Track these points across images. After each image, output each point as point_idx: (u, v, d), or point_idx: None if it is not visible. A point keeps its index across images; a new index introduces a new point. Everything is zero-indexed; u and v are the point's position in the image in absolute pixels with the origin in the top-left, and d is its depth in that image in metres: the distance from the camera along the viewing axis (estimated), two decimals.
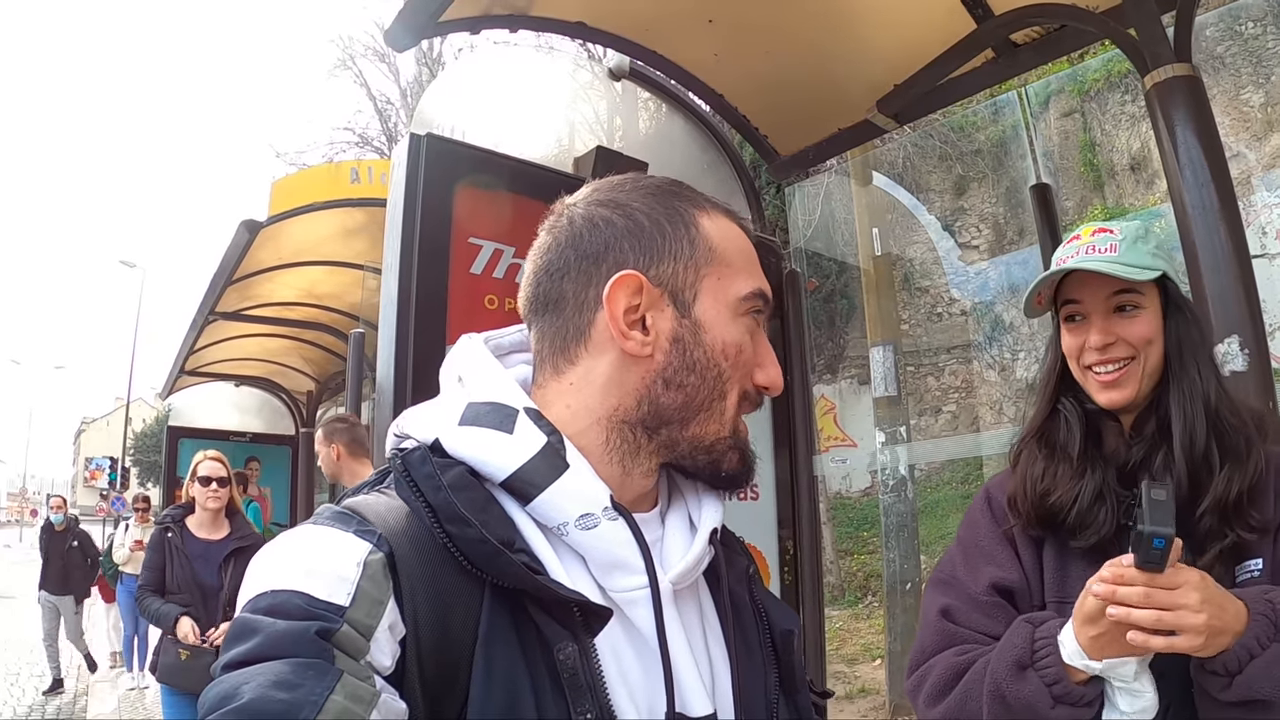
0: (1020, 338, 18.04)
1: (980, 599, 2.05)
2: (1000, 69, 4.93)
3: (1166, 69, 3.61)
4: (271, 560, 1.03)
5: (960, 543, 2.20)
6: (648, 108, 5.21)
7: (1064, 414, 2.12)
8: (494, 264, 3.58)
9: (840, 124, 5.30)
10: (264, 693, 0.87)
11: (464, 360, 1.27)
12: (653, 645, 1.12)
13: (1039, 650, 1.81)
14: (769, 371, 1.27)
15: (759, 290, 1.26)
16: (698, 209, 1.26)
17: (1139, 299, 2.02)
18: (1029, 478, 2.07)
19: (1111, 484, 1.98)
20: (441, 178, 3.46)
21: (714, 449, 1.23)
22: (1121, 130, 19.01)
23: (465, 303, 3.45)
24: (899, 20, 4.63)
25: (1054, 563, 2.03)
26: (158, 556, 5.82)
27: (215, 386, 13.98)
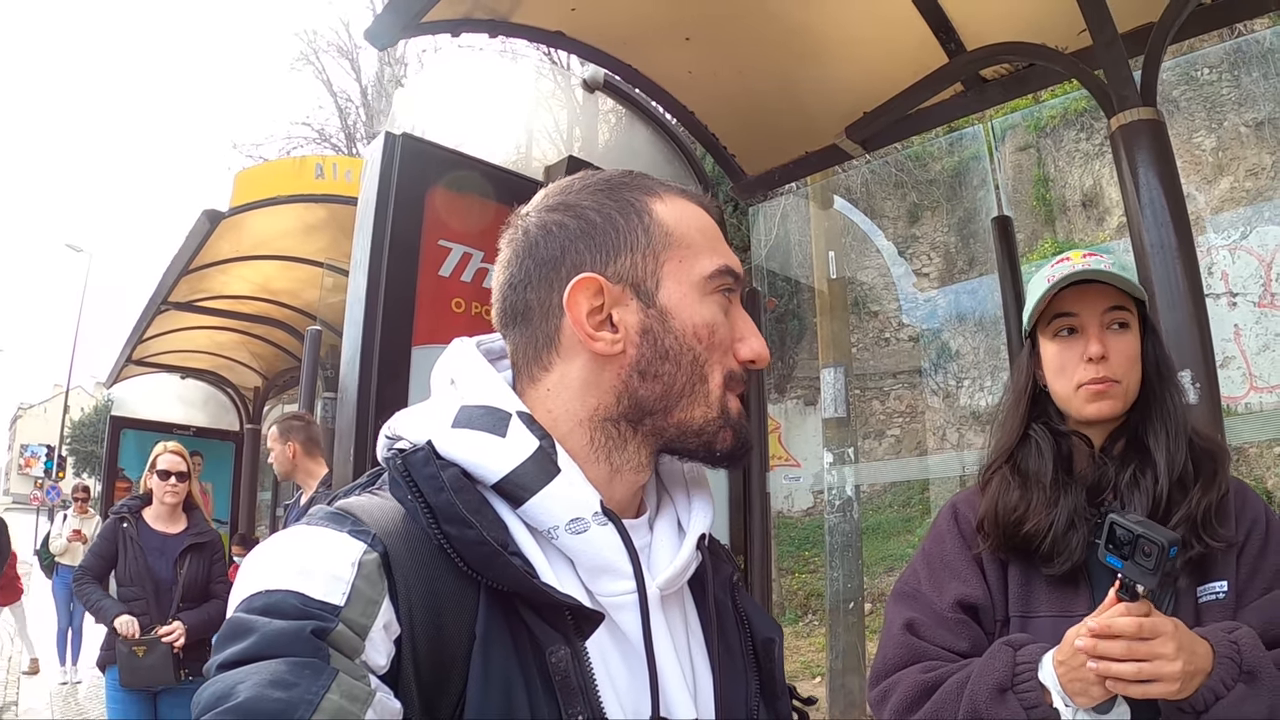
0: (965, 365, 18.25)
1: (945, 615, 2.07)
2: (968, 102, 5.03)
3: (1132, 112, 3.70)
4: (265, 560, 1.03)
5: (925, 556, 2.22)
6: (608, 119, 5.21)
7: (1035, 439, 2.14)
8: (462, 267, 3.58)
9: (808, 147, 5.36)
10: (260, 691, 0.87)
11: (457, 363, 1.28)
12: (639, 650, 1.13)
13: (1020, 674, 1.84)
14: (751, 344, 1.26)
15: (724, 266, 1.25)
16: (650, 195, 1.26)
17: (1129, 318, 2.08)
18: (1002, 506, 2.09)
19: (1082, 509, 2.02)
20: (415, 178, 3.46)
21: (704, 431, 1.23)
22: (1075, 167, 19.29)
23: (432, 305, 3.44)
24: (872, 49, 4.70)
25: (1019, 579, 2.06)
26: (109, 546, 5.70)
27: (160, 378, 13.71)
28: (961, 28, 4.54)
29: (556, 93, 5.01)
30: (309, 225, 8.76)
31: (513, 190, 3.81)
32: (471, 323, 3.57)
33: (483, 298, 3.63)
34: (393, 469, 1.13)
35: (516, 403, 1.19)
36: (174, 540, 5.81)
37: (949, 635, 2.05)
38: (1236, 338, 13.43)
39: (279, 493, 13.99)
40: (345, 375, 3.21)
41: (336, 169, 8.57)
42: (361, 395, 3.12)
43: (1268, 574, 1.94)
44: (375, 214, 3.32)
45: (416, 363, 3.31)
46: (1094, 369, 2.04)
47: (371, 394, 3.12)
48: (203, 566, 5.84)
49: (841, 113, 5.05)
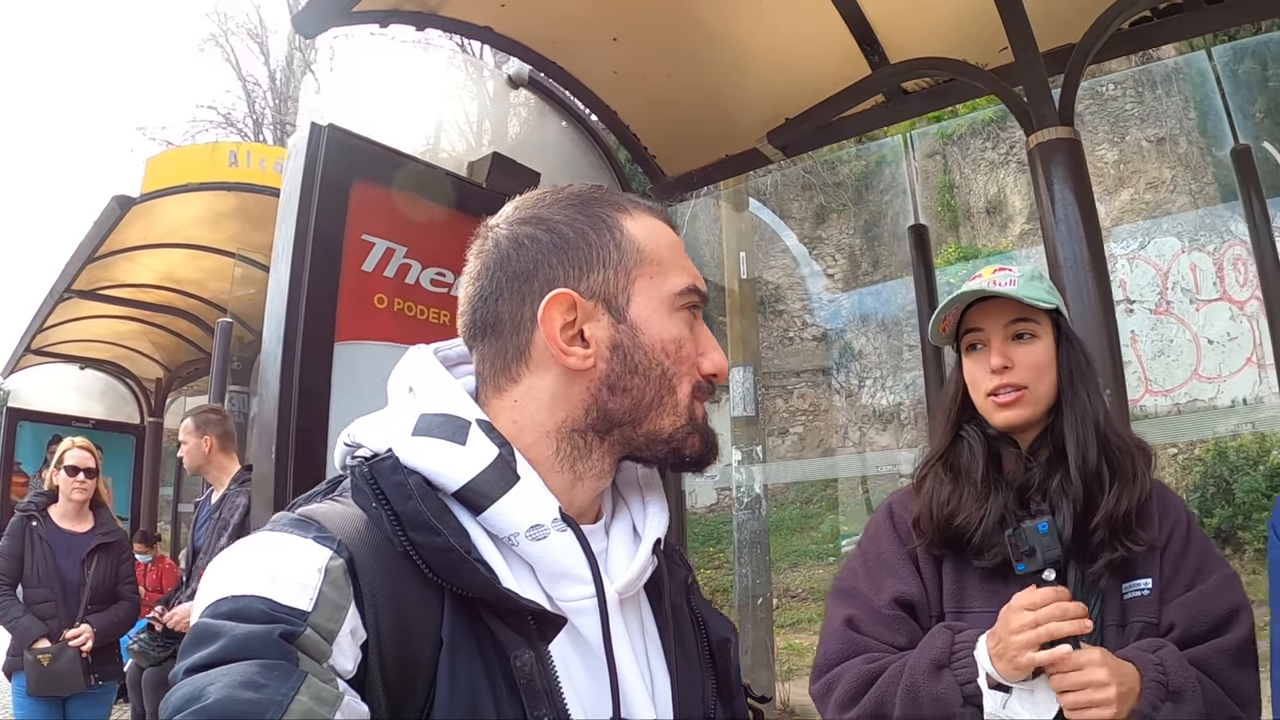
0: (868, 365, 18.52)
1: (883, 612, 2.15)
2: (889, 113, 5.16)
3: (1050, 131, 3.83)
4: (230, 566, 1.03)
5: (863, 554, 2.31)
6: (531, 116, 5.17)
7: (967, 440, 2.24)
8: (385, 262, 3.52)
9: (729, 151, 5.42)
10: (230, 693, 0.86)
11: (415, 371, 1.27)
12: (598, 653, 1.15)
13: (957, 652, 1.95)
14: (713, 358, 1.28)
15: (692, 285, 1.27)
16: (620, 211, 1.27)
17: (1035, 328, 2.18)
18: (935, 501, 2.18)
19: (1012, 507, 2.11)
20: (340, 170, 3.39)
21: (673, 439, 1.25)
22: (980, 175, 19.68)
23: (355, 300, 3.38)
24: (798, 58, 4.77)
25: (952, 576, 2.16)
26: (18, 545, 5.50)
27: (59, 368, 13.25)
28: (886, 41, 4.63)
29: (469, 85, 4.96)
30: (219, 214, 8.57)
31: (437, 185, 3.83)
32: (394, 319, 3.52)
33: (405, 294, 3.59)
34: (357, 476, 1.13)
35: (476, 411, 1.20)
36: (81, 539, 5.64)
37: (887, 631, 2.13)
38: (1133, 343, 13.85)
39: (181, 488, 13.70)
40: (266, 371, 3.14)
41: (251, 157, 8.39)
42: (284, 392, 3.05)
43: (1188, 572, 2.05)
44: (299, 206, 3.24)
45: (339, 359, 3.26)
46: (997, 379, 2.15)
47: (294, 390, 3.06)
48: (110, 567, 5.68)
49: (764, 118, 5.11)
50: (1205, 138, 16.78)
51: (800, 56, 4.78)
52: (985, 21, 4.15)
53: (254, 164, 8.25)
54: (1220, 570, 2.09)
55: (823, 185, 20.25)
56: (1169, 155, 17.60)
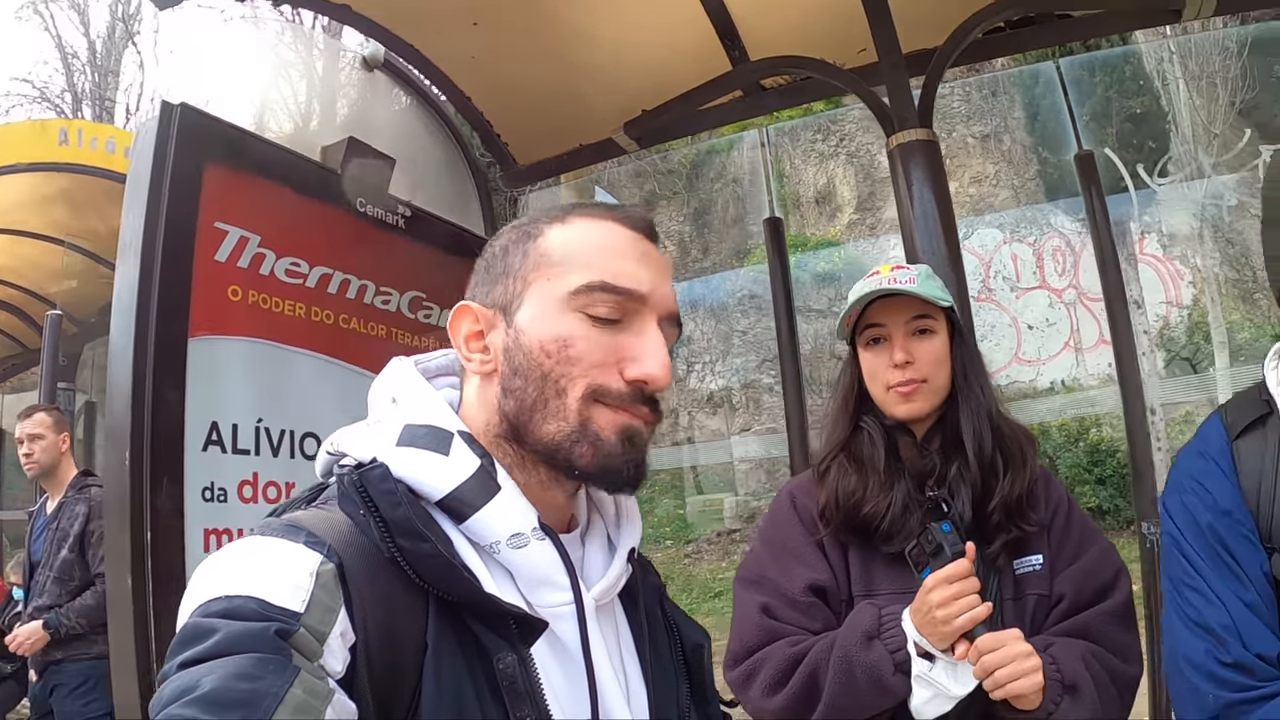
0: (695, 351, 18.74)
1: (798, 599, 2.23)
2: (746, 108, 5.21)
3: (910, 132, 3.92)
4: (222, 568, 1.05)
5: (767, 543, 2.38)
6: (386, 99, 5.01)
7: (867, 430, 2.34)
8: (239, 252, 3.32)
9: (583, 140, 5.38)
10: (226, 683, 0.88)
11: (397, 383, 1.31)
12: (577, 658, 1.19)
13: (885, 624, 2.06)
14: (643, 365, 1.22)
15: (596, 282, 1.22)
16: (556, 221, 1.28)
17: (933, 324, 2.29)
18: (842, 491, 2.26)
19: (914, 496, 2.22)
20: (192, 153, 3.17)
21: (560, 447, 1.21)
22: (810, 165, 20.09)
23: (208, 292, 3.18)
24: (658, 50, 4.74)
25: (859, 561, 2.26)
26: None
27: None
28: (747, 36, 4.65)
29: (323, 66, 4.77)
30: (46, 197, 7.99)
31: (291, 170, 3.66)
32: (249, 312, 3.33)
33: (259, 285, 3.40)
34: (346, 484, 1.15)
35: (457, 422, 1.24)
36: None
37: (803, 617, 2.22)
38: None
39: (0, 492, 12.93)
40: (115, 370, 2.91)
41: (83, 135, 7.79)
42: (136, 391, 2.84)
43: (1073, 546, 2.25)
44: (149, 191, 3.02)
45: (194, 356, 3.07)
46: (900, 373, 2.25)
47: (146, 390, 2.85)
48: None
49: (620, 109, 5.08)
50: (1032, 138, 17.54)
51: (661, 49, 4.76)
52: (847, 22, 4.23)
53: (85, 143, 7.67)
54: (1100, 543, 2.28)
55: (655, 172, 20.42)
56: (992, 152, 18.32)
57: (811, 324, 16.55)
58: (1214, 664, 1.77)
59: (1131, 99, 15.98)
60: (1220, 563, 1.84)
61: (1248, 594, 1.79)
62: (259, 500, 3.26)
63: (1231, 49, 15.08)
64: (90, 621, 5.13)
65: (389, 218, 4.12)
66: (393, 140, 4.49)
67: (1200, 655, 1.80)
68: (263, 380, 3.35)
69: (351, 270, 3.82)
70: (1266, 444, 1.89)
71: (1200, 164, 14.15)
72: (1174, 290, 16.02)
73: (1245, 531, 1.83)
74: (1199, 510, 1.90)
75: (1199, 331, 15.59)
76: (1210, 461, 1.94)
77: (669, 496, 18.43)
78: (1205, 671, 1.79)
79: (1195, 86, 15.15)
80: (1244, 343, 15.29)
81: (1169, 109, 15.67)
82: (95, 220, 7.64)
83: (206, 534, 3.04)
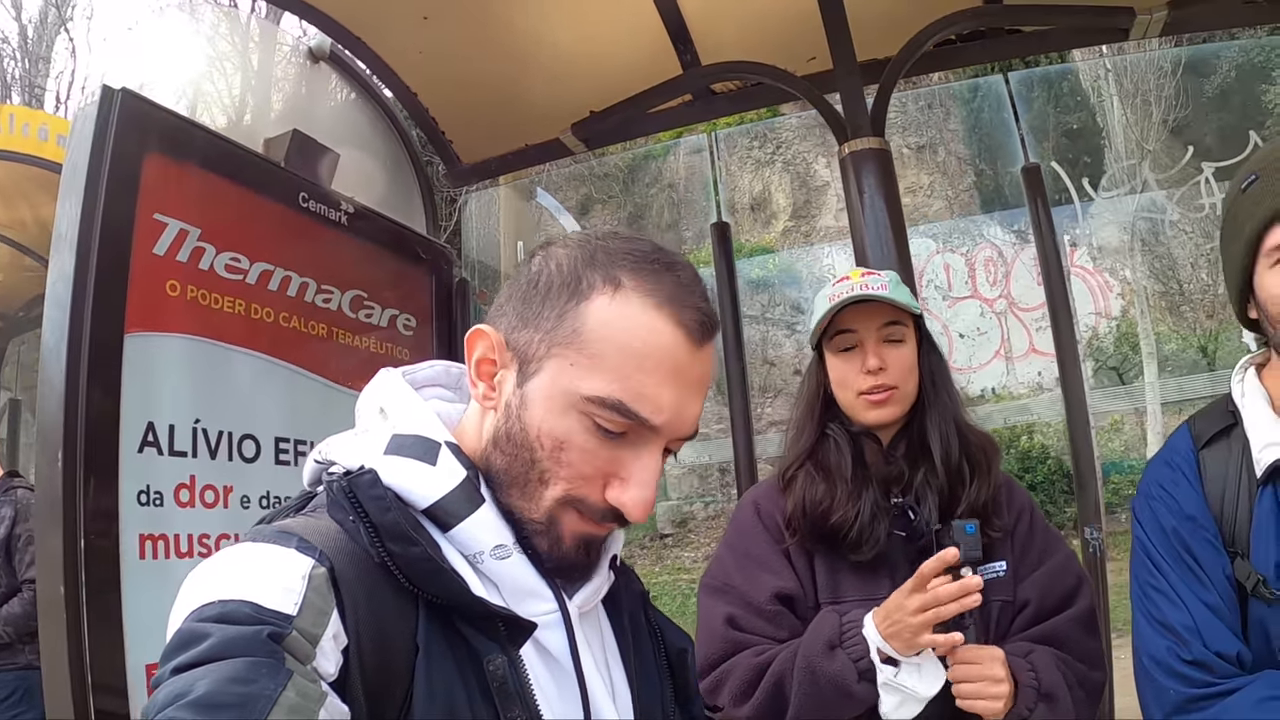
0: None
1: (764, 608, 2.24)
2: (695, 112, 5.20)
3: (863, 140, 3.93)
4: (214, 573, 1.05)
5: (731, 550, 2.37)
6: (331, 91, 4.92)
7: (833, 438, 2.34)
8: (178, 246, 3.19)
9: (530, 140, 5.33)
10: (220, 686, 0.88)
11: (386, 393, 1.31)
12: (565, 665, 1.21)
13: (847, 632, 2.07)
14: (628, 493, 1.18)
15: (613, 400, 1.13)
16: (611, 285, 1.16)
17: (904, 332, 2.30)
18: (809, 500, 2.26)
19: (881, 501, 2.22)
20: (132, 141, 3.05)
21: (522, 523, 1.20)
22: (746, 172, 20.22)
23: (146, 287, 3.05)
24: (608, 51, 4.73)
25: (825, 568, 2.26)
26: None
27: None
28: (700, 40, 4.64)
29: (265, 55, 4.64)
30: None
31: (233, 162, 3.55)
32: (188, 309, 3.20)
33: (199, 280, 3.28)
34: (334, 491, 1.16)
35: (445, 433, 1.24)
36: None
37: (769, 626, 2.22)
38: None
39: None
40: (47, 367, 2.78)
41: (14, 121, 7.46)
42: (70, 390, 2.70)
43: (1036, 552, 2.29)
44: (86, 181, 2.88)
45: (130, 353, 2.94)
46: (872, 379, 2.25)
47: (80, 388, 2.73)
48: None
49: (568, 110, 5.04)
50: (970, 150, 17.80)
51: (612, 50, 4.73)
52: (800, 30, 4.24)
53: (17, 129, 7.36)
54: (1062, 550, 2.34)
55: (591, 176, 20.44)
56: (928, 163, 18.55)
57: (745, 329, 16.62)
58: (1176, 661, 1.83)
59: (1069, 114, 16.30)
60: (1184, 565, 1.90)
61: (1209, 595, 1.85)
62: (196, 504, 3.13)
63: (1166, 68, 15.49)
64: (17, 630, 4.97)
65: (332, 214, 4.00)
66: (337, 135, 4.39)
67: (1163, 653, 1.86)
68: (201, 379, 3.23)
69: (293, 267, 3.71)
70: (1230, 453, 1.95)
71: (1144, 179, 14.45)
72: (1103, 301, 16.36)
73: (1208, 536, 1.90)
74: (1164, 515, 1.97)
75: (1127, 342, 15.92)
76: (1177, 470, 2.00)
77: None
78: (1167, 668, 1.85)
79: (1130, 104, 15.51)
80: (1171, 354, 15.65)
81: (1104, 125, 16.01)
82: (24, 210, 7.37)
83: (141, 539, 2.92)
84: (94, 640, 2.67)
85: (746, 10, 4.54)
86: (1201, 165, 13.26)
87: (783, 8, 4.34)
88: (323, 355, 3.81)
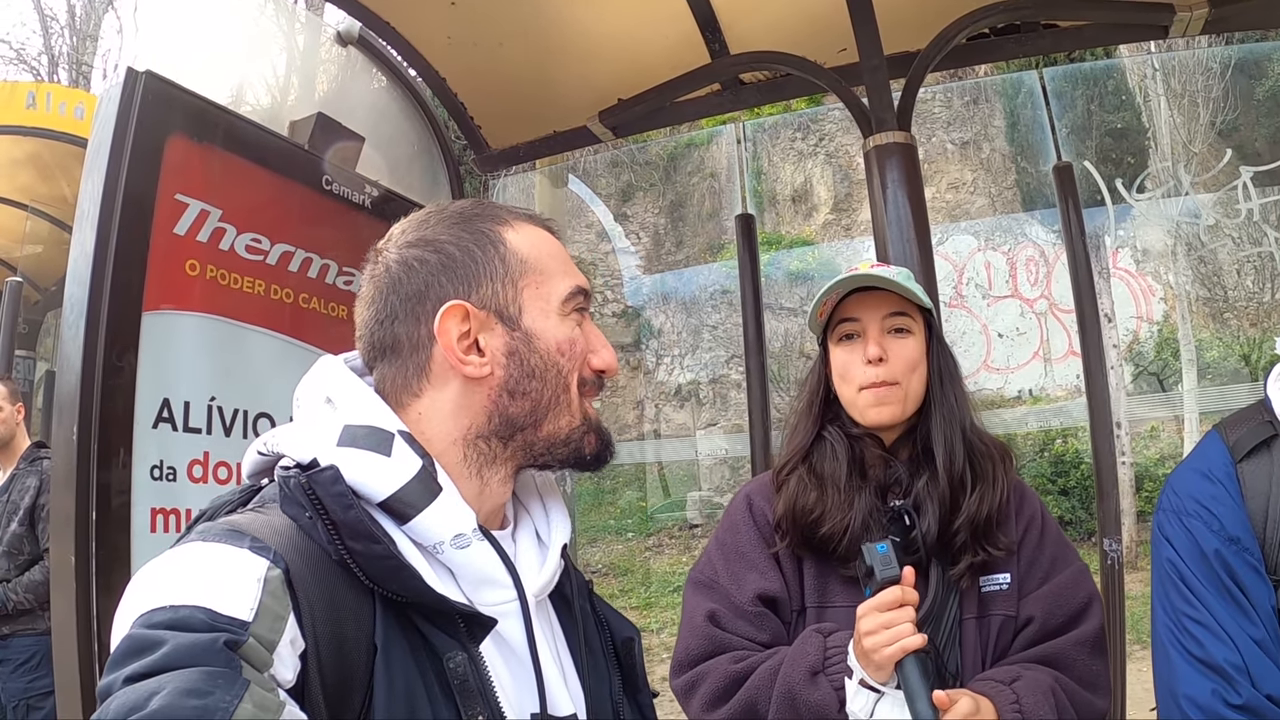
0: (665, 344, 18.74)
1: (746, 609, 2.17)
2: (724, 102, 5.18)
3: (888, 134, 3.89)
4: (164, 576, 1.03)
5: (721, 546, 2.30)
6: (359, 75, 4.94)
7: (830, 441, 2.24)
8: (199, 226, 3.24)
9: (558, 127, 5.35)
10: (175, 700, 0.87)
11: (331, 382, 1.31)
12: (520, 654, 1.23)
13: (830, 658, 1.98)
14: (603, 355, 1.37)
15: (578, 288, 1.36)
16: (502, 225, 1.35)
17: (910, 324, 2.20)
18: (800, 507, 2.17)
19: (876, 510, 2.13)
20: (155, 122, 3.10)
21: (570, 439, 1.34)
22: (788, 164, 20.11)
23: (165, 266, 3.10)
24: (637, 39, 4.71)
25: (814, 572, 2.18)
26: None
27: None
28: (728, 30, 4.63)
29: (293, 38, 4.68)
30: (12, 160, 7.83)
31: (257, 144, 3.59)
32: (207, 288, 3.25)
33: (219, 261, 3.32)
34: (290, 487, 1.14)
35: (398, 422, 1.25)
36: None
37: (750, 627, 2.15)
38: None
39: None
40: (67, 343, 2.84)
41: (51, 99, 7.65)
42: (86, 365, 2.77)
43: (1044, 565, 2.16)
44: (109, 159, 2.93)
45: (147, 330, 3.00)
46: (873, 371, 2.15)
47: (97, 364, 2.78)
48: None
49: (596, 97, 5.05)
50: (1012, 147, 17.63)
51: (640, 38, 4.72)
52: (829, 20, 4.20)
53: (54, 107, 7.53)
54: (1073, 564, 2.19)
55: (631, 163, 20.38)
56: (971, 159, 18.39)
57: (782, 322, 16.55)
58: (1221, 706, 1.65)
59: (1112, 113, 16.07)
60: (1227, 595, 1.72)
61: (1257, 630, 1.68)
62: (209, 480, 3.18)
63: (1215, 69, 15.21)
64: (38, 597, 5.06)
65: (355, 197, 4.04)
66: (364, 119, 4.43)
67: (1206, 696, 1.68)
68: (218, 358, 3.28)
69: (314, 249, 3.75)
70: (1274, 467, 1.77)
71: (1180, 181, 14.26)
72: (1145, 305, 16.12)
73: (1254, 561, 1.72)
74: (1204, 536, 1.77)
75: (1168, 348, 15.69)
76: (1218, 484, 1.81)
77: (632, 489, 18.39)
78: (1212, 713, 1.66)
79: (1177, 104, 15.27)
80: (1212, 361, 15.40)
81: (1149, 125, 15.78)
82: (63, 186, 7.47)
83: (154, 513, 2.98)
84: (102, 610, 2.72)
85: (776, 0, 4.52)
86: (1240, 169, 13.05)
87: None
88: (343, 337, 3.81)
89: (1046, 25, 4.64)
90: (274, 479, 1.22)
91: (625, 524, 17.58)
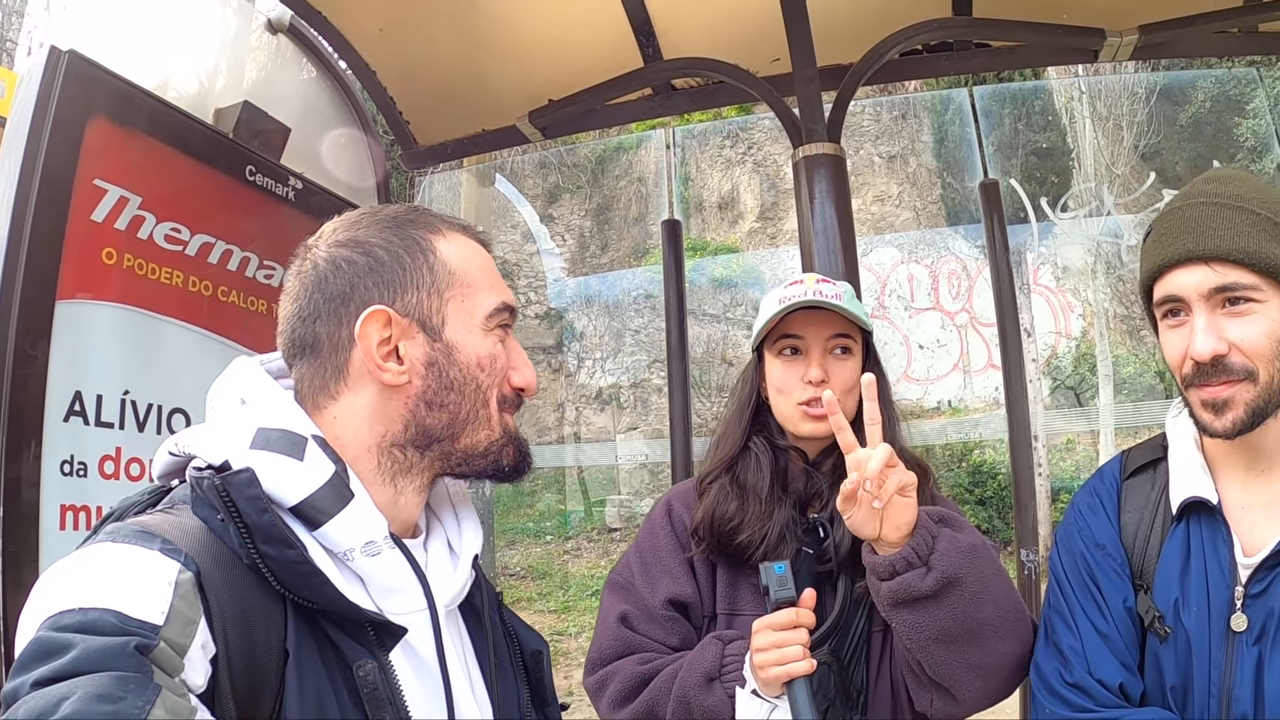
0: (587, 347, 18.79)
1: (657, 613, 2.20)
2: (655, 107, 5.20)
3: (818, 145, 3.92)
4: (72, 578, 1.01)
5: (639, 549, 2.33)
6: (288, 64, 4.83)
7: (755, 452, 2.27)
8: (117, 213, 3.14)
9: (487, 126, 5.31)
10: (86, 705, 0.85)
11: (246, 383, 1.30)
12: (429, 663, 1.25)
13: (727, 665, 2.00)
14: (524, 373, 1.40)
15: (503, 304, 1.37)
16: (434, 233, 1.36)
17: (851, 344, 2.23)
18: (719, 515, 2.20)
19: (793, 521, 2.16)
20: (76, 104, 2.99)
21: (489, 452, 1.35)
22: (716, 171, 20.24)
23: (81, 254, 3.00)
24: (571, 39, 4.71)
25: (726, 579, 2.22)
26: None
27: None
28: (663, 34, 4.64)
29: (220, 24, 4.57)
30: None
31: (181, 131, 3.49)
32: (123, 278, 3.15)
33: (136, 250, 3.22)
34: (203, 489, 1.13)
35: (311, 426, 1.25)
36: None
37: (660, 630, 2.19)
38: None
39: None
40: None
41: None
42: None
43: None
44: (28, 140, 2.83)
45: (60, 320, 2.89)
46: (812, 390, 2.16)
47: (8, 352, 2.68)
48: None
49: (527, 96, 5.02)
50: (939, 162, 17.91)
51: (574, 39, 4.72)
52: (764, 30, 4.23)
53: None
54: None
55: (559, 164, 20.37)
56: (898, 172, 18.65)
57: (705, 328, 16.65)
58: (1058, 682, 1.88)
59: (1039, 133, 16.42)
60: (1086, 591, 1.93)
61: (1104, 624, 1.88)
62: (121, 477, 3.08)
63: (1140, 94, 15.61)
64: None
65: (279, 189, 3.95)
66: (292, 110, 4.34)
67: (1049, 671, 1.91)
68: (133, 350, 3.17)
69: (235, 240, 3.65)
70: (1153, 487, 1.96)
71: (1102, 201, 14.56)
72: (1064, 321, 16.47)
73: (1115, 565, 1.92)
74: (1076, 540, 2.00)
75: (1085, 363, 16.04)
76: (1096, 497, 2.03)
77: (551, 491, 18.38)
78: (1049, 688, 1.90)
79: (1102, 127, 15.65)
80: (1128, 377, 15.78)
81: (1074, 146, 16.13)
82: None
83: (63, 510, 2.87)
84: (8, 611, 2.63)
85: (711, 7, 4.55)
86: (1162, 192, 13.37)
87: (747, 7, 4.34)
88: (262, 332, 3.74)
89: (979, 44, 4.70)
90: (185, 480, 1.21)
91: (544, 527, 17.57)
